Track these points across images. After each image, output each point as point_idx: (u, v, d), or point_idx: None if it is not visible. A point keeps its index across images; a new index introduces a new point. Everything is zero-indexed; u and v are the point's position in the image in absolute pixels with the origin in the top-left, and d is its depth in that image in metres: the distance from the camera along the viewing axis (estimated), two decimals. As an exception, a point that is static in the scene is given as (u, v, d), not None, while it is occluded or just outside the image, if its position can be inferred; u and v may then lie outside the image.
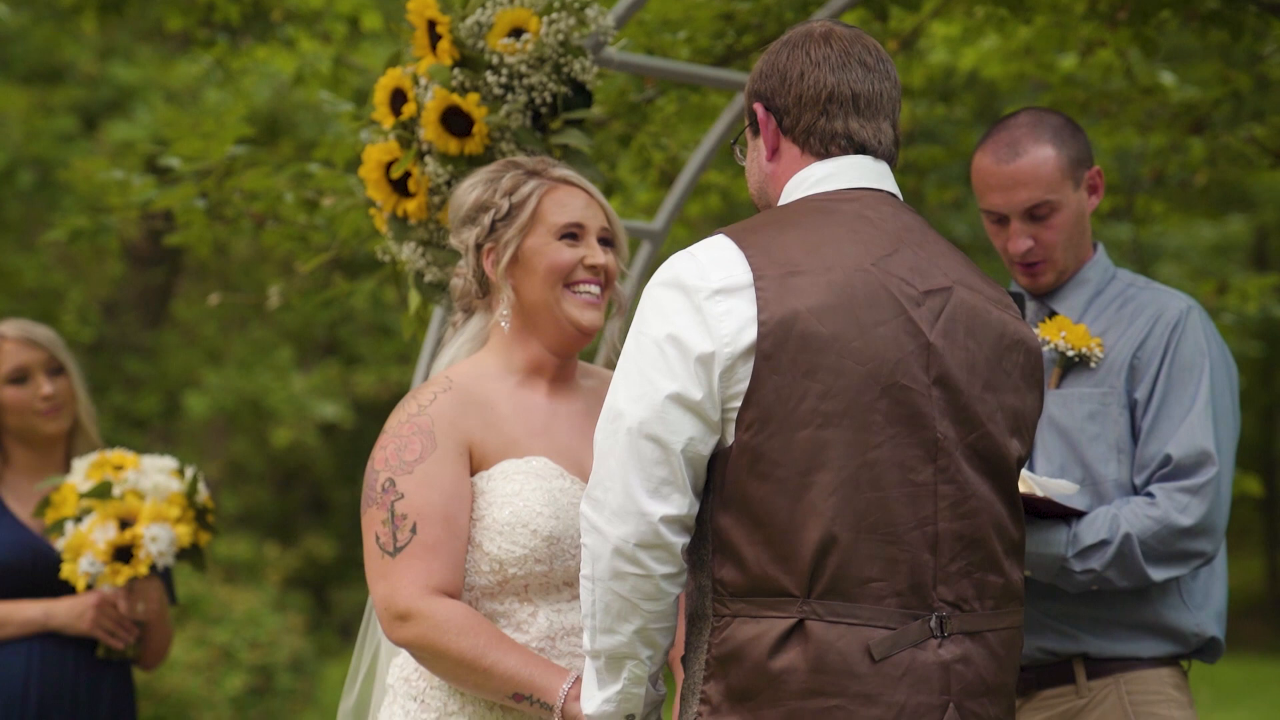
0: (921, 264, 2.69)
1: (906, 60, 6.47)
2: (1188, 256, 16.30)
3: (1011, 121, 3.52)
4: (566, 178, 3.16)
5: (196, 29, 6.82)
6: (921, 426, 2.62)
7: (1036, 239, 3.47)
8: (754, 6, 5.18)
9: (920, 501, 2.61)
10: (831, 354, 2.59)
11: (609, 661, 2.67)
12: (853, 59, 2.76)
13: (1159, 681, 3.41)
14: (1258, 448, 20.43)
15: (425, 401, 3.04)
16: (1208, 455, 3.32)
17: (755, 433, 2.58)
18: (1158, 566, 3.31)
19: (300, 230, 5.55)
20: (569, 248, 3.10)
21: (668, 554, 2.61)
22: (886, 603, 2.58)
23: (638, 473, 2.59)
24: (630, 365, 2.64)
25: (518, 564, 2.98)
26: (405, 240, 3.79)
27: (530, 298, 3.10)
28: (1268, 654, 17.99)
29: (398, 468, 2.98)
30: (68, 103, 12.87)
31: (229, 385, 13.78)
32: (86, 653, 4.30)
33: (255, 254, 13.21)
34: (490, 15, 3.72)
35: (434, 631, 2.90)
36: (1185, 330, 3.42)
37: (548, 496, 3.00)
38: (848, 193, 2.74)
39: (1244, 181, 6.21)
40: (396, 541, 2.95)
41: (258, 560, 13.99)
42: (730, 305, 2.60)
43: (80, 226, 5.69)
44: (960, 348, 2.67)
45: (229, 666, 12.09)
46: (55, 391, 4.39)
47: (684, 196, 4.73)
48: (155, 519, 4.15)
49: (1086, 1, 5.46)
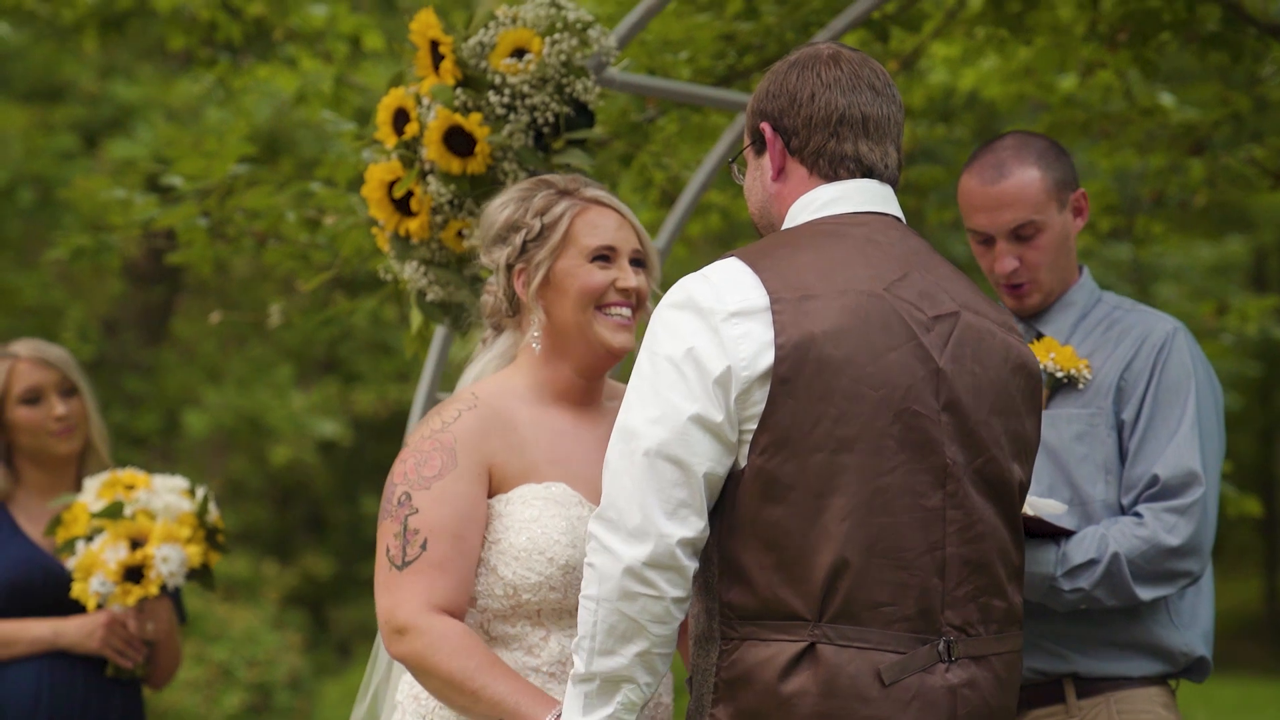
0: (929, 288, 2.70)
1: (907, 81, 6.49)
2: (1187, 277, 16.32)
3: (997, 144, 3.55)
4: (599, 198, 3.13)
5: (198, 48, 6.83)
6: (932, 452, 2.62)
7: (1022, 260, 3.49)
8: (755, 27, 5.19)
9: (930, 527, 2.62)
10: (846, 379, 2.59)
11: (603, 684, 2.63)
12: (862, 82, 2.76)
13: (1148, 700, 3.42)
14: (1257, 468, 20.43)
15: (450, 419, 3.03)
16: (1195, 475, 3.35)
17: (770, 456, 2.58)
18: (1145, 586, 3.32)
19: (302, 249, 5.56)
20: (601, 270, 3.08)
21: (680, 576, 2.59)
22: (896, 627, 2.59)
23: (656, 494, 2.58)
24: (645, 385, 2.63)
25: (532, 590, 2.97)
26: (407, 259, 3.79)
27: (561, 319, 3.09)
28: (1265, 675, 17.96)
29: (416, 482, 2.98)
30: (68, 121, 12.89)
31: (228, 403, 13.78)
32: (96, 672, 4.29)
33: (255, 272, 13.22)
34: (493, 36, 3.73)
35: (427, 649, 2.89)
36: (1171, 352, 3.44)
37: (566, 524, 2.98)
38: (856, 216, 2.75)
39: (1243, 202, 6.21)
40: (406, 555, 2.95)
41: (256, 578, 13.97)
42: (747, 328, 2.60)
43: (82, 245, 5.70)
44: (968, 373, 2.68)
45: (227, 684, 12.08)
46: (69, 412, 4.39)
47: (685, 216, 4.73)
48: (166, 539, 4.15)
49: (1086, 23, 5.48)
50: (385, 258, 3.92)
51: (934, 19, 5.84)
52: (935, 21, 5.87)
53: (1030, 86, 6.55)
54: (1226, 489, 6.82)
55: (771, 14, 5.16)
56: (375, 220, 3.84)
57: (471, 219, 3.71)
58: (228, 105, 9.80)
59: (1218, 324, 7.00)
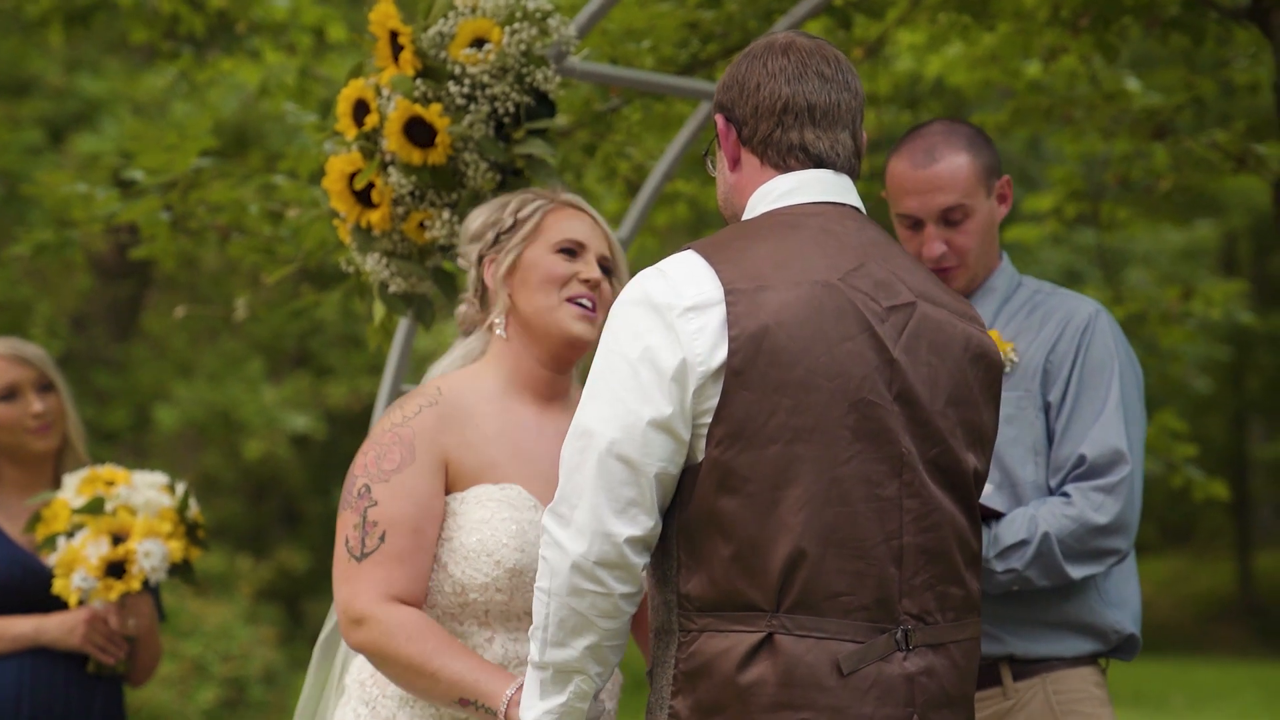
0: (886, 279, 2.70)
1: (872, 68, 6.48)
2: (1156, 261, 16.39)
3: (926, 129, 3.59)
4: (575, 202, 3.26)
5: (161, 41, 6.80)
6: (887, 442, 2.63)
7: (950, 243, 3.53)
8: (717, 15, 5.18)
9: (887, 516, 2.63)
10: (800, 369, 2.59)
11: (556, 674, 2.67)
12: (810, 70, 2.77)
13: (1082, 680, 3.48)
14: (1228, 451, 20.54)
15: (411, 413, 3.08)
16: (1120, 454, 3.39)
17: (725, 448, 2.58)
18: (1076, 564, 3.37)
19: (266, 242, 5.54)
20: (566, 261, 3.17)
21: (628, 574, 2.61)
22: (854, 616, 2.59)
23: (606, 493, 2.59)
24: (601, 384, 2.63)
25: (478, 590, 3.02)
26: (369, 251, 3.78)
27: (525, 306, 3.17)
28: (1240, 656, 18.07)
29: (375, 475, 3.02)
30: (35, 115, 12.83)
31: (199, 398, 13.75)
32: (77, 668, 4.28)
33: (224, 266, 13.18)
34: (452, 26, 3.72)
35: (385, 636, 2.94)
36: (1094, 333, 3.49)
37: (516, 529, 3.03)
38: (813, 206, 2.75)
39: (1210, 187, 6.24)
40: (364, 547, 2.99)
41: (230, 573, 13.95)
42: (703, 322, 2.60)
43: (44, 240, 5.66)
44: (923, 363, 2.68)
45: (201, 680, 12.06)
46: (46, 409, 4.37)
47: (648, 205, 4.73)
48: (148, 534, 4.14)
49: (1049, 8, 5.49)
50: (348, 250, 3.91)
51: (898, 6, 5.84)
52: (899, 9, 5.87)
53: (996, 73, 6.56)
54: (1194, 473, 6.85)
55: (734, 2, 5.16)
56: (337, 212, 3.83)
57: (433, 210, 3.70)
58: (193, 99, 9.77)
59: (1183, 308, 7.02)
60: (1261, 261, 19.88)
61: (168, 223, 5.38)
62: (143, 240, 5.60)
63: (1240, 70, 6.10)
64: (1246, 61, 6.01)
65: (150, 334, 14.84)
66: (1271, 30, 4.34)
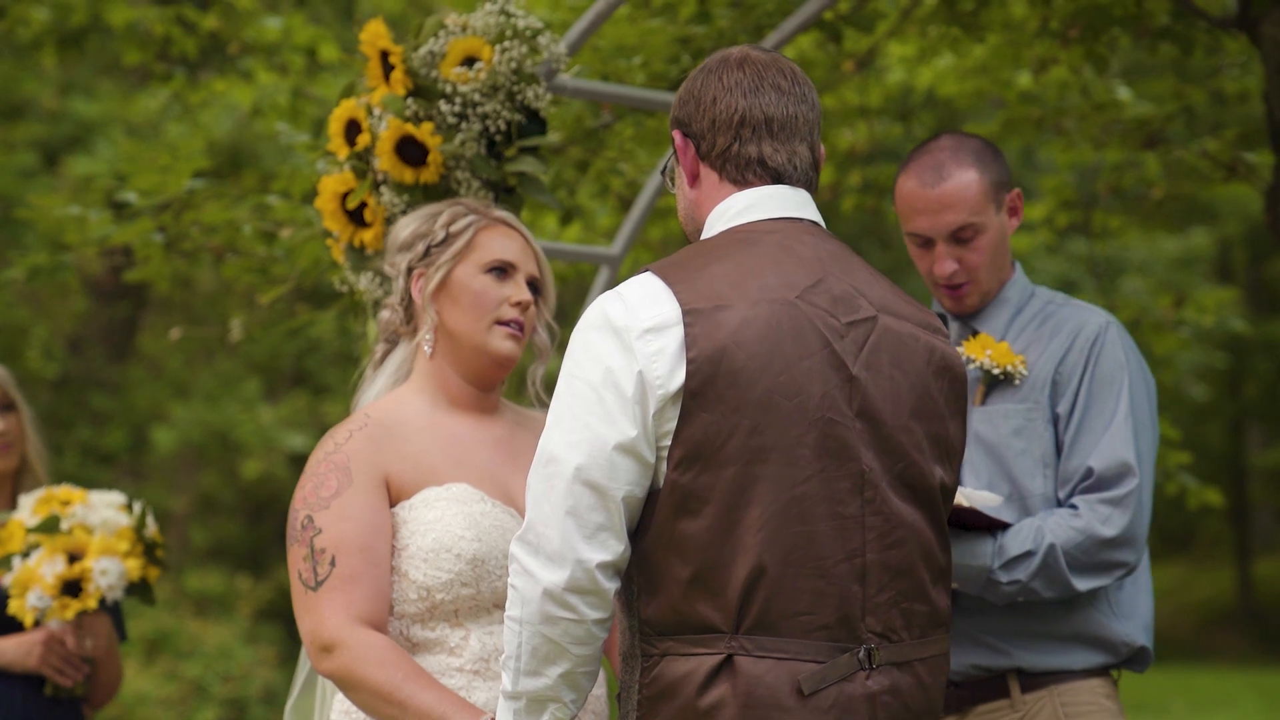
0: (845, 294, 2.68)
1: (864, 80, 6.50)
2: (1151, 269, 16.41)
3: (933, 145, 3.56)
4: (506, 219, 3.25)
5: (154, 63, 6.82)
6: (849, 459, 2.61)
7: (961, 261, 3.51)
8: (708, 31, 5.20)
9: (849, 534, 2.60)
10: (759, 389, 2.57)
11: (530, 704, 2.64)
12: (766, 83, 2.75)
13: (1091, 692, 3.44)
14: (1226, 458, 20.55)
15: (341, 439, 3.08)
16: (1129, 467, 3.37)
17: (684, 471, 2.57)
18: (1082, 577, 3.35)
19: (260, 262, 5.55)
20: (496, 283, 3.18)
21: (600, 600, 2.59)
22: (815, 635, 2.57)
23: (574, 518, 2.57)
24: (564, 410, 2.61)
25: (444, 589, 3.01)
26: (363, 270, 3.79)
27: (454, 325, 3.17)
28: (1240, 663, 18.07)
29: (315, 504, 3.03)
30: (28, 138, 12.84)
31: (196, 418, 13.75)
32: (35, 691, 4.22)
33: (220, 287, 13.18)
34: (443, 45, 3.73)
35: (355, 662, 2.93)
36: (1104, 345, 3.47)
37: (469, 520, 3.03)
38: (770, 223, 2.73)
39: (1203, 195, 6.25)
40: (318, 575, 2.99)
41: (229, 593, 13.94)
42: (661, 344, 2.58)
43: (39, 263, 5.67)
44: (885, 378, 2.66)
45: (201, 700, 12.05)
46: (5, 429, 4.35)
47: (641, 220, 4.74)
48: (104, 552, 4.10)
49: (1039, 19, 5.51)
50: (342, 269, 3.92)
51: (888, 19, 5.86)
52: (889, 22, 5.89)
53: (986, 84, 6.58)
54: (1189, 480, 6.85)
55: (724, 17, 5.17)
56: (330, 232, 3.84)
57: (426, 229, 3.71)
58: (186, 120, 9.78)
59: (1176, 316, 7.03)
60: (1256, 268, 19.91)
61: (162, 244, 5.39)
62: (137, 262, 5.61)
63: (1230, 79, 6.12)
64: (1236, 70, 6.03)
65: (146, 355, 14.84)
66: (1260, 39, 4.35)
